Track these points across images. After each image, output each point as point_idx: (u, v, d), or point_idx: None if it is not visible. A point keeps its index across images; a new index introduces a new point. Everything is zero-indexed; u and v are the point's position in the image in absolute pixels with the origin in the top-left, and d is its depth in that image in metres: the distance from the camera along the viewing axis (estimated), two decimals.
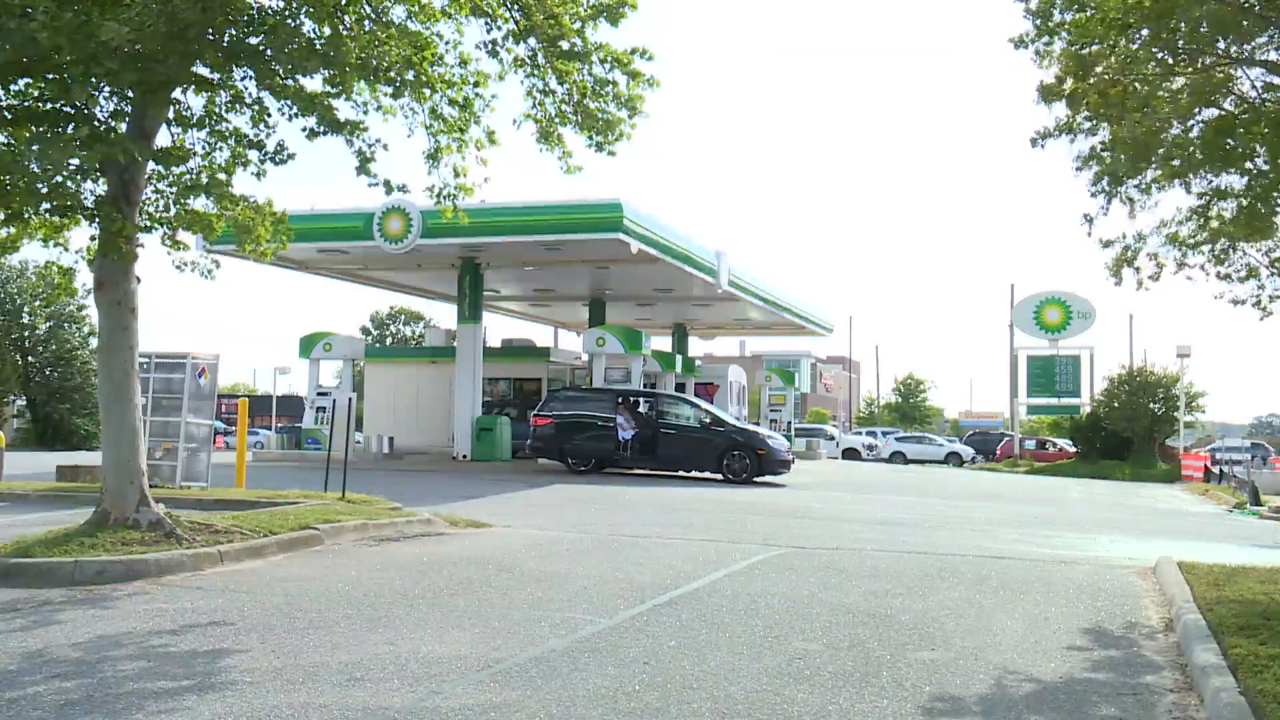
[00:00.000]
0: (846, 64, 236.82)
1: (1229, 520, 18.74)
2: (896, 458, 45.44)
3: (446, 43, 9.56)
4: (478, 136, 9.89)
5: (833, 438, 47.14)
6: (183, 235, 9.96)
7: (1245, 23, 7.66)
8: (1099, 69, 8.35)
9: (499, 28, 9.61)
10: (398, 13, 9.30)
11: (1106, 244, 9.91)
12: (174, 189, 9.63)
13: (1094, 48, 8.26)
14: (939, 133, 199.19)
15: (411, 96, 9.24)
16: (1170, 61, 8.34)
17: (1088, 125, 8.90)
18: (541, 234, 23.00)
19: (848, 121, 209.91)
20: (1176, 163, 8.51)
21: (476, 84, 9.73)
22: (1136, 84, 8.20)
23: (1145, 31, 7.94)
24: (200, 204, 9.83)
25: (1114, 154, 8.75)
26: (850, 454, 44.77)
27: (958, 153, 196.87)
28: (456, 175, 9.91)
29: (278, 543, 9.41)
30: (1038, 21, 8.54)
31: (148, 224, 9.63)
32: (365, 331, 71.14)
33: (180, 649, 5.87)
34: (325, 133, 8.96)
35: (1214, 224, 9.47)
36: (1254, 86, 8.63)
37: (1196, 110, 8.44)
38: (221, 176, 9.56)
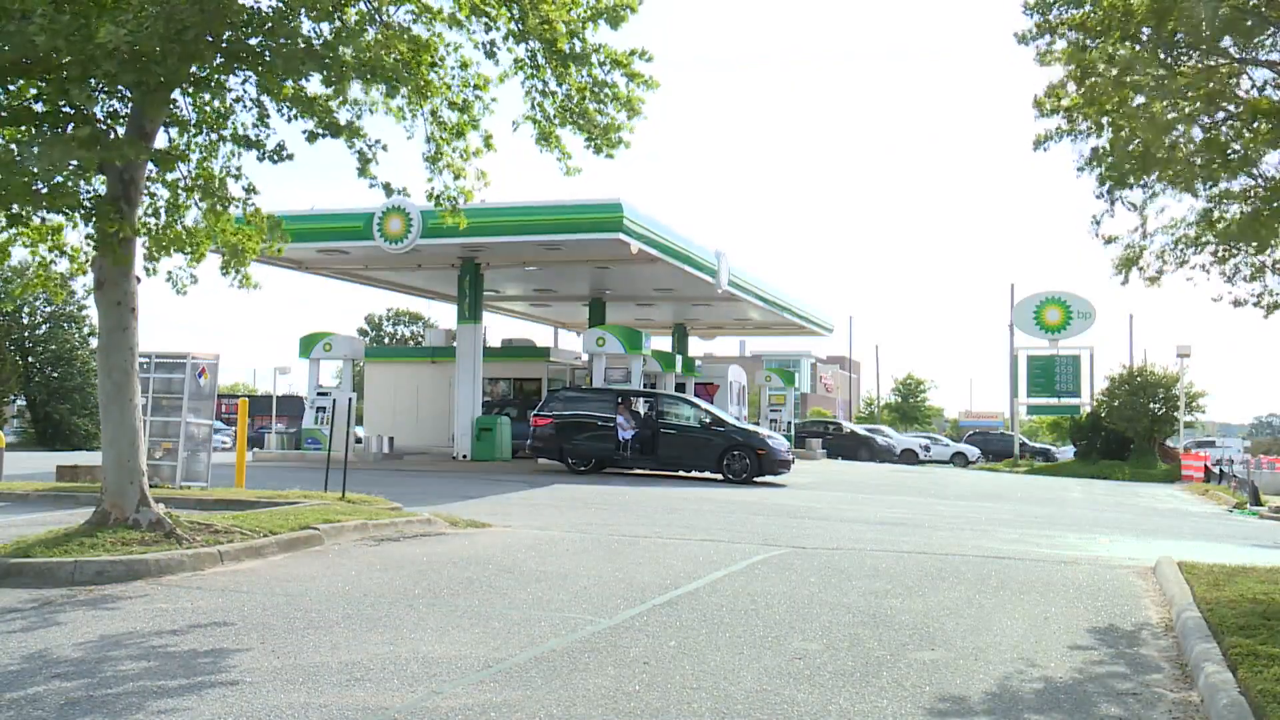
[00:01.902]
0: (847, 66, 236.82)
1: (1229, 520, 18.74)
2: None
3: (447, 45, 9.59)
4: (476, 145, 9.90)
5: (889, 438, 45.47)
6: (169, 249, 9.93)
7: (1249, 23, 7.60)
8: (1098, 74, 8.29)
9: (498, 28, 9.61)
10: (401, 16, 9.32)
11: (1110, 240, 9.86)
12: (169, 191, 9.61)
13: (1094, 49, 8.21)
14: (939, 133, 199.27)
15: (410, 100, 9.26)
16: (1173, 64, 8.29)
17: (1086, 126, 8.86)
18: (541, 234, 23.01)
19: (848, 122, 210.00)
20: (1179, 167, 8.45)
21: (477, 87, 9.74)
22: (1136, 90, 8.15)
23: (1146, 32, 7.89)
24: (191, 218, 9.83)
25: (1116, 159, 8.70)
26: (908, 455, 43.43)
27: (958, 153, 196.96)
28: (456, 178, 9.94)
29: (278, 543, 9.41)
30: (1037, 17, 8.49)
31: (136, 228, 9.63)
32: (361, 333, 71.16)
33: (181, 649, 5.87)
34: (325, 135, 8.96)
35: (1219, 226, 9.41)
36: (1257, 88, 8.59)
37: (1200, 115, 8.37)
38: (217, 181, 9.55)
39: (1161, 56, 8.10)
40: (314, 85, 8.92)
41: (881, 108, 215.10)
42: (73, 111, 8.56)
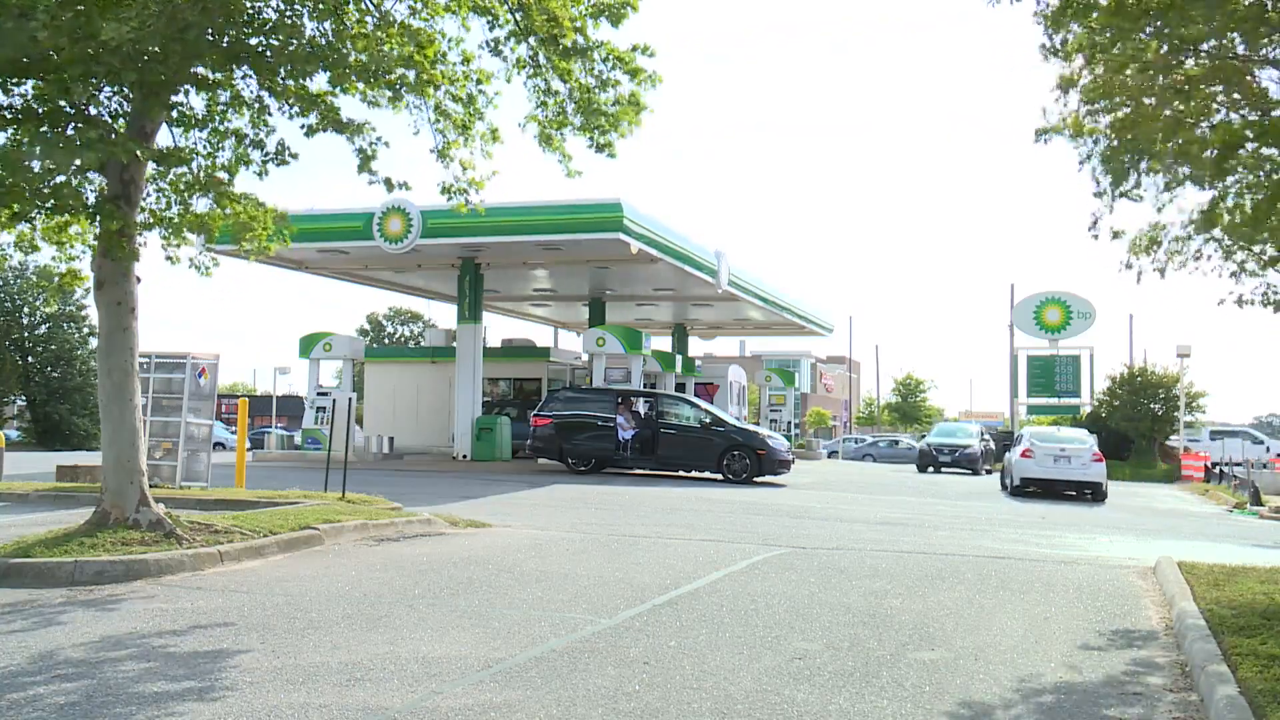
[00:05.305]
0: (847, 65, 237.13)
1: (1229, 520, 18.74)
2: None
3: (450, 40, 9.61)
4: (483, 131, 9.96)
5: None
6: (185, 233, 9.96)
7: (1261, 26, 7.53)
8: (1108, 63, 8.22)
9: (500, 26, 9.63)
10: (400, 10, 9.33)
11: (1116, 235, 9.79)
12: (171, 187, 9.62)
13: (1112, 52, 8.15)
14: (939, 132, 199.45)
15: (416, 94, 9.29)
16: (1185, 63, 8.24)
17: (1090, 118, 8.79)
18: (541, 234, 23.01)
19: (848, 121, 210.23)
20: (1189, 160, 8.38)
21: (480, 80, 9.77)
22: (1148, 80, 8.08)
23: (1149, 31, 7.85)
24: (203, 205, 9.84)
25: (1117, 157, 8.65)
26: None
27: (958, 152, 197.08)
28: (464, 169, 10.00)
29: (278, 543, 9.41)
30: (1050, 27, 8.44)
31: (149, 221, 9.63)
32: (362, 333, 71.20)
33: (181, 649, 5.87)
34: (326, 130, 8.97)
35: (1224, 220, 9.34)
36: (1261, 89, 8.54)
37: (1214, 111, 8.30)
38: (223, 175, 9.55)
39: (1172, 51, 8.03)
40: (317, 83, 8.93)
41: (881, 104, 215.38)
42: (73, 111, 8.56)
